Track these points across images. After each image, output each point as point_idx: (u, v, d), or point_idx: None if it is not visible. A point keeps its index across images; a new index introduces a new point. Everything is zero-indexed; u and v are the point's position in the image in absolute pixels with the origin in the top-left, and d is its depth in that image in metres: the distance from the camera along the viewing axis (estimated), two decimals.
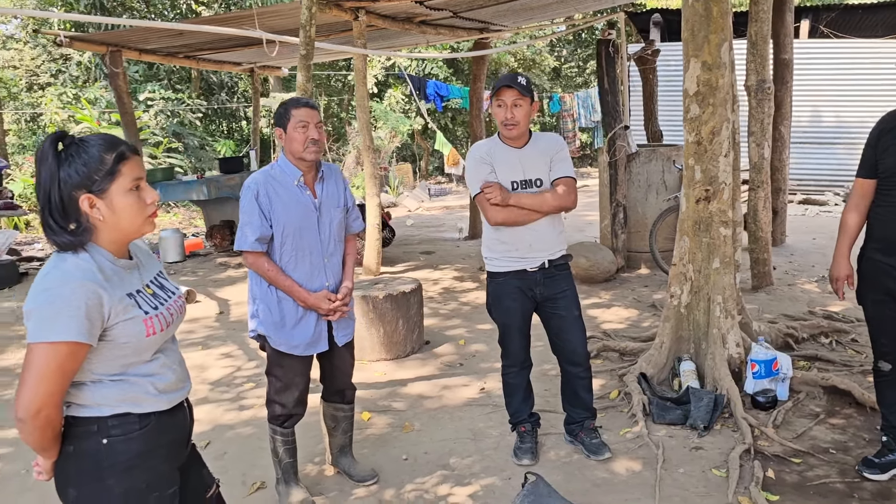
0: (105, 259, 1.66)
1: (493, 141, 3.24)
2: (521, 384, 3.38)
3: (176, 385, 1.77)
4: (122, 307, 1.63)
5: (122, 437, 1.67)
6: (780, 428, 3.57)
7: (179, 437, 1.82)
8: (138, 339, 1.66)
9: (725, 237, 4.00)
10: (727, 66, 3.84)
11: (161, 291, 1.79)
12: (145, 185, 1.69)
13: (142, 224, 1.69)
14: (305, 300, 2.82)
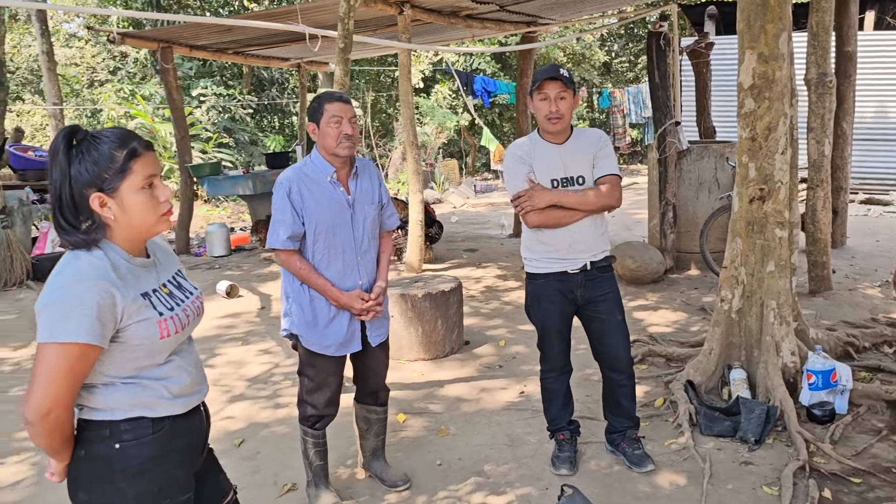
0: (120, 257, 1.60)
1: (533, 138, 3.11)
2: (560, 390, 3.25)
3: (191, 388, 1.72)
4: (136, 308, 1.57)
5: (135, 442, 1.62)
6: (838, 444, 3.34)
7: (195, 441, 1.76)
8: (152, 341, 1.60)
9: (781, 239, 3.78)
10: (785, 57, 3.62)
11: (178, 291, 1.73)
12: (159, 183, 1.63)
13: (155, 223, 1.63)
14: (338, 299, 2.75)
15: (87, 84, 19.34)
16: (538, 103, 2.96)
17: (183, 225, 8.85)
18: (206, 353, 5.07)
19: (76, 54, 20.98)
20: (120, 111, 15.06)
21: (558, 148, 3.04)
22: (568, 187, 3.02)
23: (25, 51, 21.38)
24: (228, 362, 4.85)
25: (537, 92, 2.95)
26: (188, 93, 15.46)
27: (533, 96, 2.99)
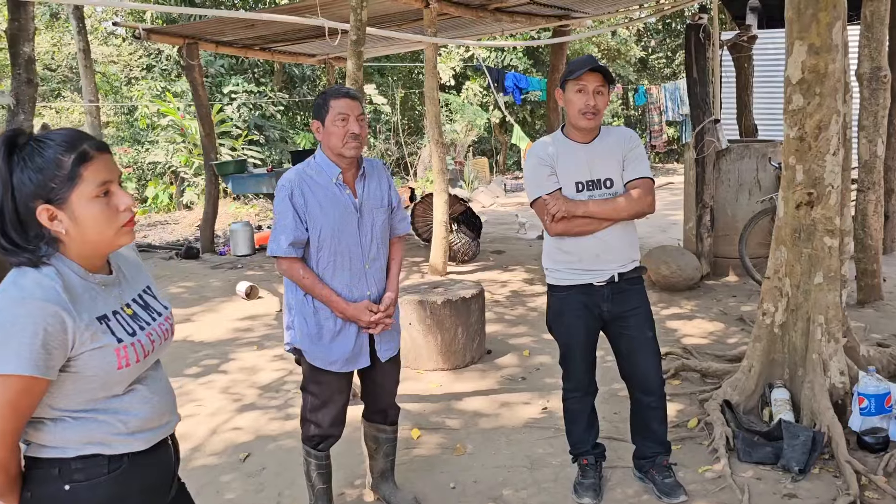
0: (74, 274, 1.40)
1: (556, 137, 2.86)
2: (584, 411, 3.00)
3: (155, 421, 1.51)
4: (91, 333, 1.37)
5: (87, 483, 1.42)
6: (893, 476, 3.03)
7: (159, 482, 1.55)
8: (108, 371, 1.40)
9: (831, 248, 3.47)
10: (839, 49, 3.31)
11: (144, 312, 1.52)
12: (117, 190, 1.42)
13: (114, 235, 1.43)
14: (344, 311, 2.54)
15: (125, 81, 19.55)
16: (572, 95, 2.69)
17: (208, 223, 8.76)
18: (220, 357, 4.92)
19: (114, 52, 21.25)
20: (153, 108, 15.12)
21: (584, 148, 2.79)
22: (594, 190, 2.76)
23: (65, 49, 21.74)
24: (242, 368, 4.69)
25: (574, 82, 2.67)
26: (219, 90, 15.47)
27: (566, 87, 2.71)
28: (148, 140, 15.66)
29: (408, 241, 9.20)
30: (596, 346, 2.95)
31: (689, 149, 6.32)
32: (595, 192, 2.76)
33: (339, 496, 3.02)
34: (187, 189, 14.57)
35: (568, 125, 2.84)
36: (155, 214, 14.21)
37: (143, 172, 15.47)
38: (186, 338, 5.39)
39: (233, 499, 3.08)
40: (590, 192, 2.76)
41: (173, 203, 14.84)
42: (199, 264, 8.18)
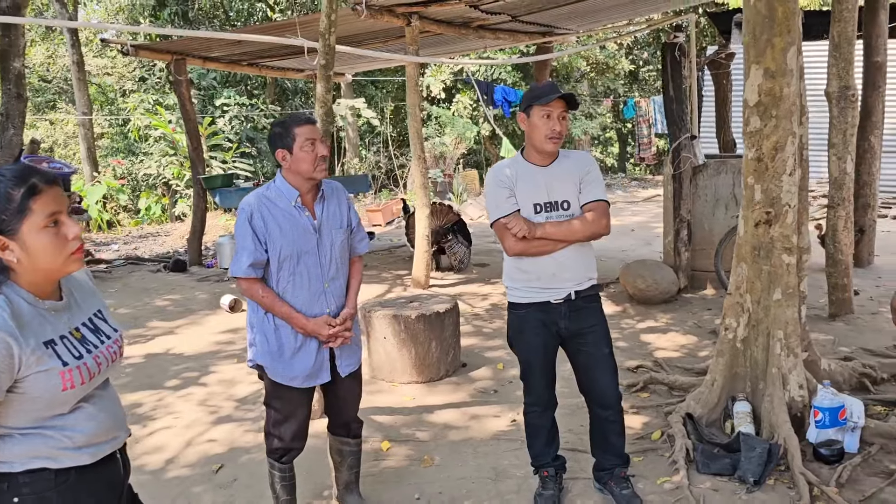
0: (24, 301, 1.49)
1: (516, 160, 2.95)
2: (544, 425, 3.08)
3: (101, 437, 1.59)
4: (37, 358, 1.45)
5: (35, 497, 1.49)
6: (845, 487, 3.11)
7: (107, 495, 1.63)
8: (52, 393, 1.48)
9: (789, 265, 3.56)
10: (794, 73, 3.41)
11: (93, 335, 1.60)
12: (65, 220, 1.51)
13: (64, 263, 1.51)
14: (304, 327, 2.63)
15: (119, 93, 19.69)
16: (538, 120, 2.76)
17: (195, 236, 8.85)
18: (200, 370, 4.99)
19: (108, 64, 21.39)
20: (144, 121, 15.23)
21: (543, 171, 2.88)
22: (552, 212, 2.85)
23: (60, 60, 21.88)
24: (220, 381, 4.76)
25: (541, 108, 2.75)
26: (212, 102, 15.60)
27: (531, 112, 2.78)
28: (142, 152, 15.77)
29: (394, 254, 9.31)
30: (555, 363, 3.03)
31: (667, 164, 6.43)
32: (552, 213, 2.85)
33: None
34: (179, 201, 14.67)
35: (528, 148, 2.92)
36: (147, 226, 14.30)
37: (136, 184, 15.58)
38: (169, 350, 5.47)
39: None
40: (547, 213, 2.85)
41: (166, 215, 14.93)
42: (186, 277, 8.26)
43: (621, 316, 5.89)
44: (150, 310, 6.79)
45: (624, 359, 4.82)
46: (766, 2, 3.35)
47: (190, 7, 16.04)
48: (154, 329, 6.11)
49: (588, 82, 16.45)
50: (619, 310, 6.06)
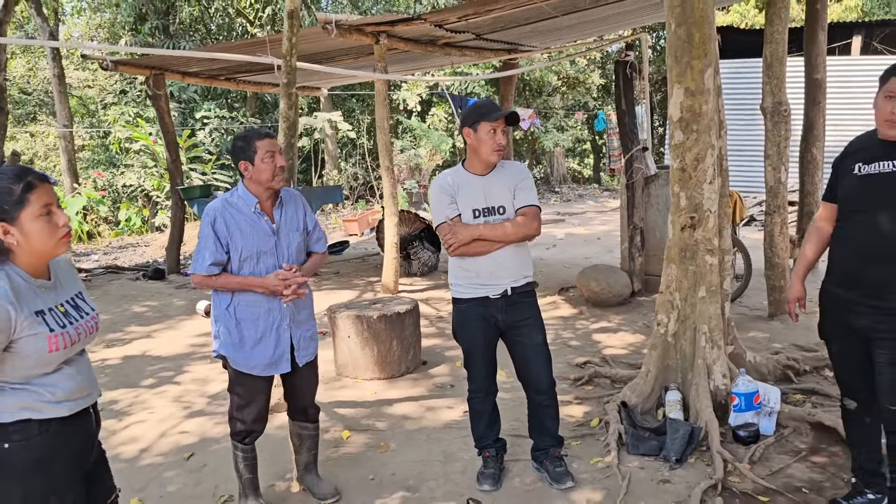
0: (20, 278, 1.81)
1: (457, 170, 3.28)
2: (486, 410, 3.40)
3: (78, 393, 1.91)
4: (29, 323, 1.77)
5: (23, 443, 1.80)
6: (758, 464, 3.46)
7: (82, 443, 1.95)
8: (40, 353, 1.80)
9: (711, 265, 3.93)
10: (711, 91, 3.79)
11: (74, 311, 1.92)
12: (56, 210, 1.84)
13: (54, 246, 1.85)
14: (262, 284, 2.87)
15: (101, 105, 19.88)
16: (485, 135, 3.08)
17: (174, 245, 9.10)
18: (175, 370, 5.27)
19: (89, 77, 21.58)
20: (125, 133, 15.46)
21: (481, 179, 3.21)
22: (489, 216, 3.19)
23: (41, 73, 22.03)
24: (194, 379, 5.04)
25: (488, 124, 3.06)
26: (192, 115, 15.86)
27: (479, 128, 3.08)
28: (122, 163, 15.98)
29: (367, 262, 9.61)
30: (495, 353, 3.35)
31: (621, 175, 6.81)
32: (489, 217, 3.19)
33: (269, 488, 3.39)
34: (160, 212, 14.89)
35: (471, 159, 3.24)
36: (127, 237, 14.49)
37: (117, 195, 15.77)
38: (145, 352, 5.73)
39: (173, 491, 3.44)
40: (485, 217, 3.19)
41: (146, 226, 15.13)
42: (164, 285, 8.51)
43: (577, 317, 6.24)
44: (129, 315, 7.04)
45: (575, 356, 5.18)
46: (686, 28, 3.73)
47: (171, 21, 16.31)
48: (132, 333, 6.37)
49: (560, 96, 16.91)
50: (576, 312, 6.41)
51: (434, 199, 3.25)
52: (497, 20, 6.77)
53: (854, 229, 2.72)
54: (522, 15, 6.51)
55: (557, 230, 11.97)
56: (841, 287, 2.78)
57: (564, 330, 5.89)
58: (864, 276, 2.68)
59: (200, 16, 17.06)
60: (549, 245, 10.46)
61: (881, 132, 2.62)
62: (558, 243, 10.73)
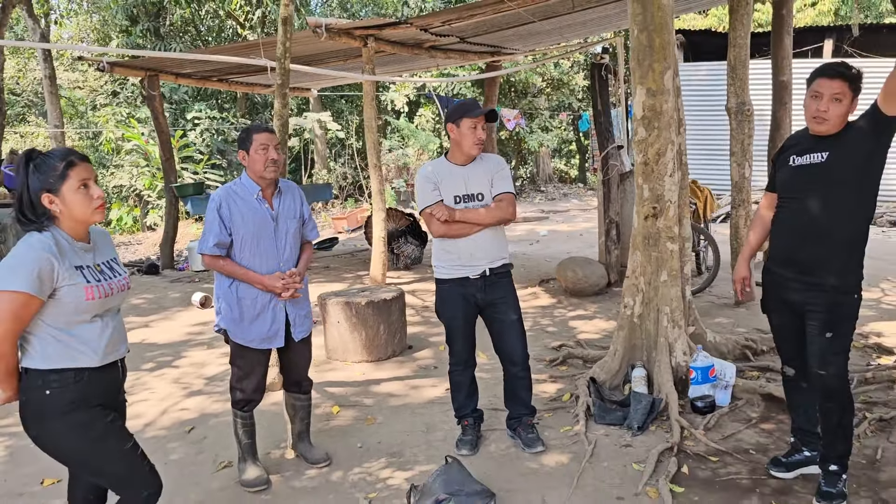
0: (63, 239, 2.16)
1: (440, 161, 3.60)
2: (465, 381, 3.72)
3: (110, 347, 2.25)
4: (69, 274, 2.12)
5: (60, 389, 2.14)
6: (712, 430, 3.80)
7: (111, 389, 2.31)
8: (78, 301, 2.13)
9: (672, 252, 4.27)
10: (671, 92, 4.13)
11: (109, 271, 2.29)
12: (92, 185, 2.19)
13: (90, 214, 2.19)
14: (262, 282, 3.20)
15: (91, 106, 20.08)
16: (467, 130, 3.42)
17: (168, 241, 9.37)
18: (173, 355, 5.56)
19: (80, 78, 21.76)
20: (117, 133, 15.68)
21: (462, 169, 3.53)
22: (468, 202, 3.51)
23: (31, 74, 22.17)
24: (192, 363, 5.33)
25: (471, 120, 3.41)
26: (183, 116, 16.10)
27: (462, 124, 3.43)
28: (113, 164, 16.19)
29: (357, 257, 9.92)
30: (474, 328, 3.67)
31: (597, 172, 7.16)
32: (469, 203, 3.51)
33: (266, 455, 3.69)
34: (151, 211, 15.12)
35: (453, 151, 3.56)
36: (119, 236, 14.72)
37: (108, 196, 15.99)
38: (144, 340, 6.02)
39: (176, 459, 3.74)
40: (465, 203, 3.51)
41: (137, 225, 15.36)
42: (159, 279, 8.79)
43: (556, 306, 6.58)
44: (126, 307, 7.31)
45: (551, 340, 5.51)
46: (647, 34, 4.07)
47: (162, 24, 16.55)
48: (130, 323, 6.64)
49: (545, 97, 17.28)
50: (555, 301, 6.75)
51: (419, 186, 3.58)
52: (480, 24, 7.10)
53: (789, 214, 3.06)
54: (503, 20, 6.84)
55: (541, 227, 12.33)
56: (779, 266, 3.12)
57: (543, 318, 6.23)
58: (797, 256, 3.01)
59: (191, 18, 17.29)
60: (532, 241, 10.81)
61: (810, 128, 2.96)
62: (542, 239, 11.08)
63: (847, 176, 2.87)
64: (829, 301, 2.92)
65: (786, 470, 3.27)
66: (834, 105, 2.81)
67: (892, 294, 6.77)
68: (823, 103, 2.83)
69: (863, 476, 3.25)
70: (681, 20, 15.75)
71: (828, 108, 2.82)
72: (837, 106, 2.81)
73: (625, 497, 3.15)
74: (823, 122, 2.85)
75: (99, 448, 2.19)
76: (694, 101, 12.71)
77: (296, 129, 15.47)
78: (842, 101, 2.81)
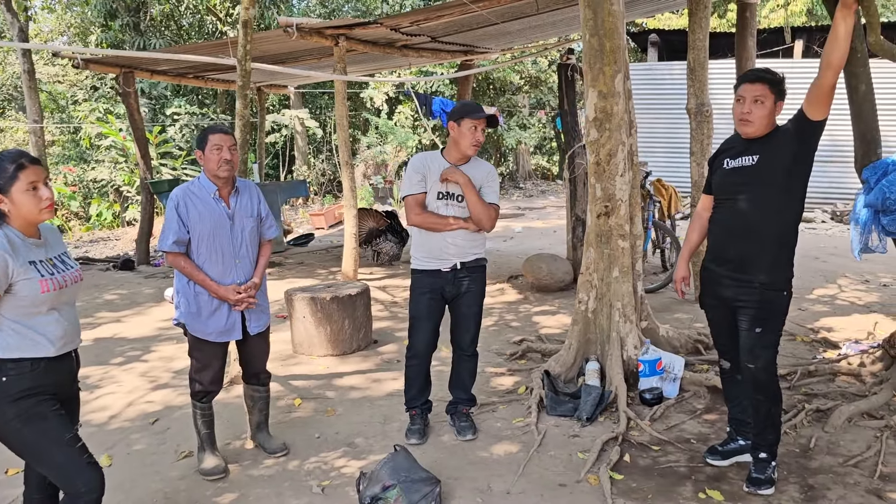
0: (15, 236, 2.28)
1: (434, 154, 3.71)
2: (419, 375, 3.84)
3: (64, 339, 2.37)
4: (24, 269, 2.25)
5: (17, 377, 2.26)
6: (658, 421, 3.96)
7: (65, 378, 2.43)
8: (34, 294, 2.26)
9: (623, 249, 4.42)
10: (621, 94, 4.28)
11: (61, 265, 2.41)
12: (41, 186, 2.31)
13: (38, 213, 2.31)
14: (216, 291, 3.33)
15: (72, 101, 19.99)
16: (467, 130, 3.54)
17: (143, 237, 9.43)
18: (142, 350, 5.65)
19: (59, 72, 21.63)
20: (96, 129, 15.65)
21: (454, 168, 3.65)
22: (451, 200, 3.61)
23: (10, 68, 22.01)
24: (161, 357, 5.43)
25: (471, 121, 3.53)
26: (162, 111, 16.09)
27: (462, 123, 3.54)
28: (94, 159, 16.17)
29: (331, 253, 10.02)
30: (438, 325, 3.78)
31: (565, 170, 7.30)
32: (452, 201, 3.63)
33: (226, 445, 3.81)
34: (130, 207, 15.11)
35: (450, 149, 3.66)
36: (98, 231, 14.70)
37: (88, 191, 15.95)
38: (115, 335, 6.10)
39: (139, 449, 3.84)
40: (447, 200, 3.63)
41: (117, 220, 15.34)
42: (133, 275, 8.85)
43: (521, 302, 6.73)
44: (99, 302, 7.39)
45: (514, 335, 5.65)
46: (598, 39, 4.21)
47: (141, 19, 16.52)
48: (102, 318, 6.72)
49: (523, 95, 17.43)
50: (521, 297, 6.90)
51: (407, 173, 3.72)
52: (450, 24, 7.22)
53: (723, 214, 3.21)
54: (472, 20, 6.96)
55: (516, 224, 12.48)
56: (713, 263, 3.27)
57: (508, 313, 6.37)
58: (729, 253, 3.17)
59: (171, 13, 17.27)
60: (506, 237, 10.95)
61: (739, 131, 3.12)
62: (516, 236, 11.23)
63: (776, 177, 3.03)
64: (759, 297, 3.08)
65: (721, 458, 3.43)
66: (756, 107, 2.97)
67: (847, 291, 6.98)
68: (746, 106, 2.99)
69: (794, 464, 3.42)
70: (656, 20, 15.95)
71: (751, 110, 2.98)
72: (759, 108, 2.97)
73: (567, 484, 3.30)
74: (748, 123, 3.01)
75: (40, 435, 2.29)
76: (667, 100, 12.89)
77: (274, 126, 15.52)
78: (764, 102, 2.97)
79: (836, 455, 3.49)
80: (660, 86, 12.90)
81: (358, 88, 16.49)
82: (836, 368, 4.50)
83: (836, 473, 3.31)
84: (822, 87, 2.88)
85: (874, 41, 3.41)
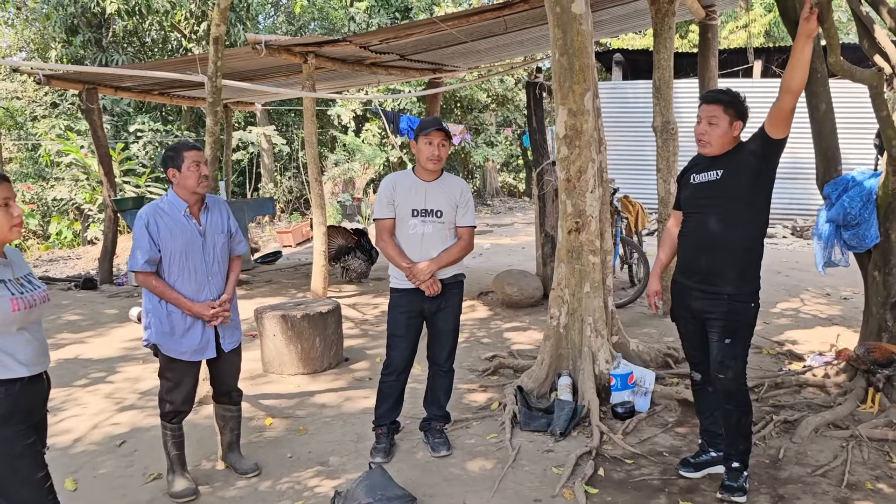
0: None
1: (406, 174, 3.73)
2: (393, 393, 3.82)
3: (36, 359, 2.32)
4: None
5: None
6: (630, 434, 3.99)
7: (37, 401, 2.37)
8: (5, 312, 2.21)
9: (594, 264, 4.47)
10: (591, 112, 4.35)
11: (28, 284, 2.37)
12: (13, 204, 2.28)
13: (8, 232, 2.28)
14: (190, 308, 3.29)
15: (30, 117, 19.56)
16: (423, 146, 3.58)
17: (107, 256, 9.23)
18: (107, 370, 5.51)
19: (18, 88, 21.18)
20: (56, 146, 15.33)
21: (426, 184, 3.66)
22: (426, 217, 3.62)
23: None
24: (126, 378, 5.30)
25: (424, 137, 3.57)
26: (125, 128, 15.84)
27: (418, 140, 3.60)
28: (53, 177, 15.82)
29: (299, 271, 9.93)
30: (416, 344, 3.77)
31: (534, 187, 7.37)
32: (427, 218, 3.63)
33: (196, 466, 3.73)
34: (91, 225, 14.81)
35: (418, 167, 3.70)
36: (58, 250, 14.36)
37: (47, 209, 15.59)
38: (78, 356, 5.95)
39: (105, 472, 3.74)
40: (423, 217, 3.63)
41: (78, 239, 15.01)
42: (96, 294, 8.65)
43: (492, 318, 6.75)
44: (61, 323, 7.20)
45: (485, 351, 5.66)
46: (567, 58, 4.28)
47: (104, 35, 16.28)
48: (64, 340, 6.55)
49: (490, 113, 17.59)
50: (492, 313, 6.92)
51: (378, 196, 3.74)
52: (418, 43, 7.28)
53: (691, 228, 3.28)
54: (441, 38, 7.03)
55: (485, 241, 12.54)
56: (683, 276, 3.33)
57: (479, 329, 6.38)
58: (697, 266, 3.23)
59: (135, 29, 17.06)
60: (475, 254, 10.98)
61: (699, 150, 3.20)
62: (485, 252, 11.28)
63: (740, 192, 3.11)
64: (727, 309, 3.15)
65: (694, 470, 3.47)
66: (710, 128, 3.07)
67: (810, 304, 7.15)
68: (701, 127, 3.09)
69: (764, 474, 3.48)
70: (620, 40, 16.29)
71: (705, 131, 3.08)
72: (714, 128, 3.07)
73: (542, 499, 3.30)
74: (705, 144, 3.10)
75: (11, 472, 2.23)
76: (632, 118, 13.15)
77: (240, 143, 15.39)
78: (718, 123, 3.06)
79: (804, 465, 3.56)
80: (626, 104, 13.16)
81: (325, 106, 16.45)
82: (802, 380, 4.60)
83: (805, 483, 3.37)
84: (782, 110, 2.98)
85: (834, 62, 3.53)
